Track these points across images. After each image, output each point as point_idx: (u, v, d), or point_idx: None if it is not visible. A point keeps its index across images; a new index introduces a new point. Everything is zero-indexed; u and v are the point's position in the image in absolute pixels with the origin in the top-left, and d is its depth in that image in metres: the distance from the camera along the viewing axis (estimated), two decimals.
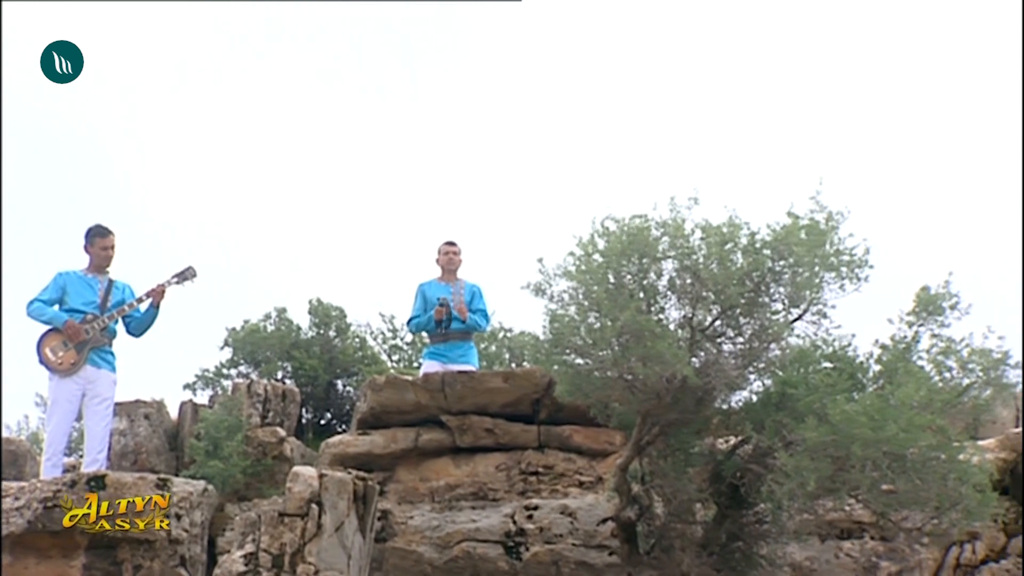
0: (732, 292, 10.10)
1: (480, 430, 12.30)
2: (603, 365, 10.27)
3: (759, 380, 10.66)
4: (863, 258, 10.21)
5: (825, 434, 9.54)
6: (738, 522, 10.56)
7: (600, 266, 10.19)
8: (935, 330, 10.32)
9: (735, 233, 10.21)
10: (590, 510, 11.63)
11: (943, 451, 9.74)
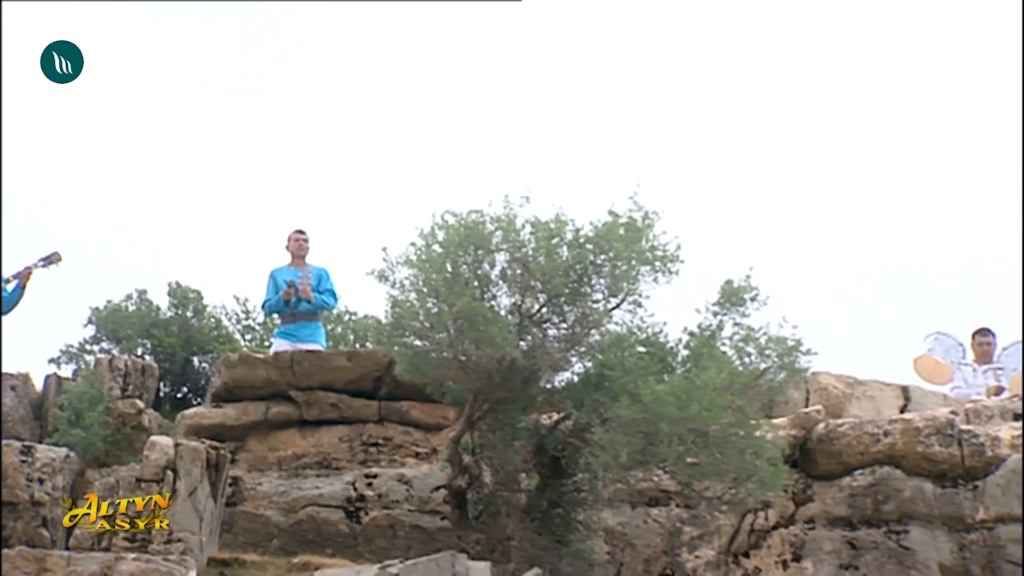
0: (557, 282, 10.30)
1: (325, 404, 12.39)
2: (439, 347, 10.40)
3: (580, 362, 10.82)
4: (675, 254, 10.45)
5: (637, 412, 9.75)
6: (558, 490, 10.71)
7: (439, 256, 10.31)
8: (737, 319, 10.58)
9: (561, 229, 10.40)
10: (425, 479, 11.76)
11: (741, 428, 10.03)
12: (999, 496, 11.53)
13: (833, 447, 12.08)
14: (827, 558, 11.72)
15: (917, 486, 11.77)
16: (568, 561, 10.51)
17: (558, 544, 10.55)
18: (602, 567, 11.14)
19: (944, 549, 11.57)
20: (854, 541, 11.73)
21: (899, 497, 11.73)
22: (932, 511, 11.69)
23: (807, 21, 32.74)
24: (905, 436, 11.88)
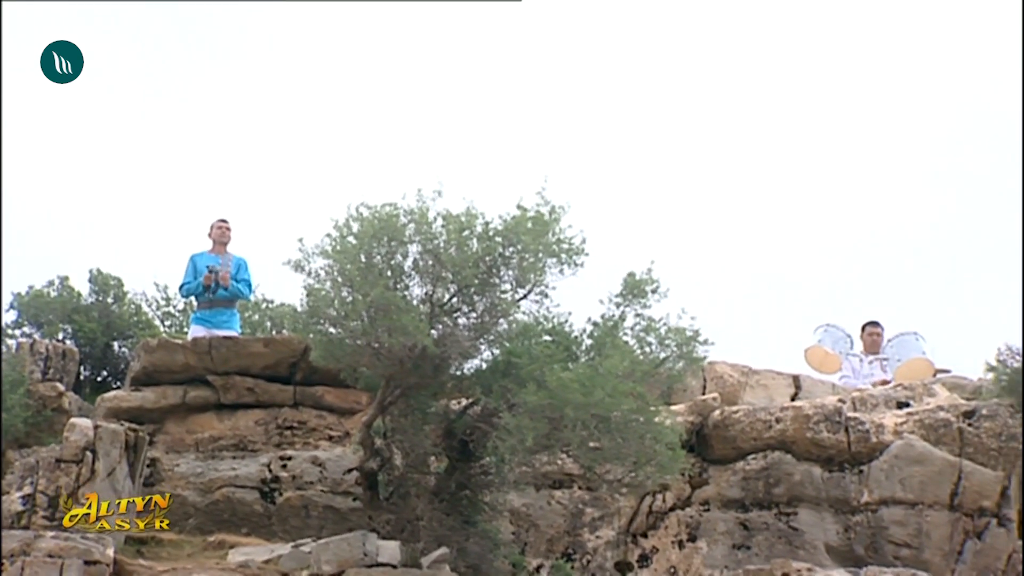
0: (468, 273, 10.30)
1: (242, 389, 12.30)
2: (353, 334, 10.36)
3: (489, 350, 10.83)
4: (580, 247, 10.50)
5: (543, 398, 9.79)
6: (466, 473, 10.71)
7: (354, 247, 10.28)
8: (638, 310, 10.66)
9: (472, 222, 10.40)
10: (338, 461, 11.72)
11: (642, 414, 10.08)
12: (883, 480, 11.71)
13: (728, 433, 12.19)
14: (721, 538, 11.83)
15: (806, 470, 11.91)
16: (475, 541, 10.52)
17: (465, 524, 10.56)
18: (507, 546, 11.16)
19: (831, 530, 11.73)
20: (746, 522, 11.85)
21: (789, 480, 11.87)
22: (820, 494, 11.84)
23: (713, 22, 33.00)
24: (795, 423, 12.02)
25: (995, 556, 11.61)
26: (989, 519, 11.68)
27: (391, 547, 9.91)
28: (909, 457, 11.72)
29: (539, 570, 11.36)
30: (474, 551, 10.47)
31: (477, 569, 10.34)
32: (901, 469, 11.71)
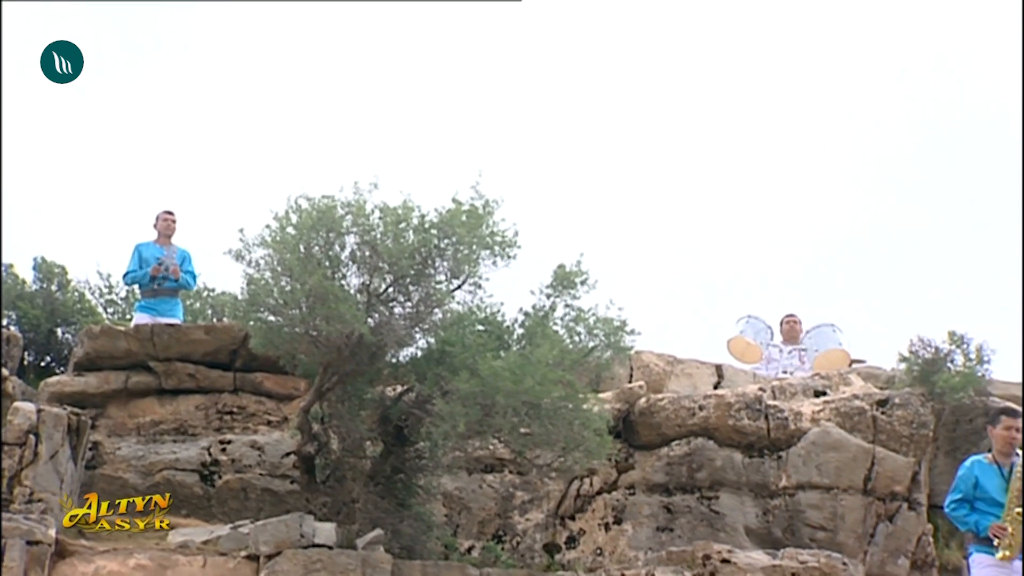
0: (404, 264, 10.31)
1: (183, 375, 12.21)
2: (292, 322, 10.34)
3: (424, 339, 10.84)
4: (512, 239, 10.54)
5: (475, 385, 9.82)
6: (401, 457, 10.71)
7: (293, 237, 10.25)
8: (568, 301, 10.69)
9: (408, 214, 10.41)
10: (276, 445, 11.66)
11: (571, 401, 10.14)
12: (800, 465, 11.82)
13: (653, 419, 12.25)
14: (645, 521, 11.90)
15: (728, 456, 12.00)
16: (408, 523, 10.53)
17: (400, 507, 10.57)
18: (439, 528, 11.16)
19: (750, 513, 11.82)
20: (670, 506, 11.92)
21: (711, 466, 11.95)
22: (740, 479, 11.93)
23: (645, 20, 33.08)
24: (718, 410, 12.10)
25: (905, 538, 11.78)
26: (900, 503, 11.84)
27: (327, 528, 9.90)
28: (825, 444, 11.85)
29: (471, 551, 11.37)
30: (408, 533, 10.47)
31: (411, 550, 10.34)
32: (818, 455, 11.83)
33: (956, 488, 9.58)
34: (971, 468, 9.59)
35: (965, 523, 9.50)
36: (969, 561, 9.55)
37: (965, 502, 9.50)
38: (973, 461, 9.62)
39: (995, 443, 9.59)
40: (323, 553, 9.68)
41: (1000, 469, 9.48)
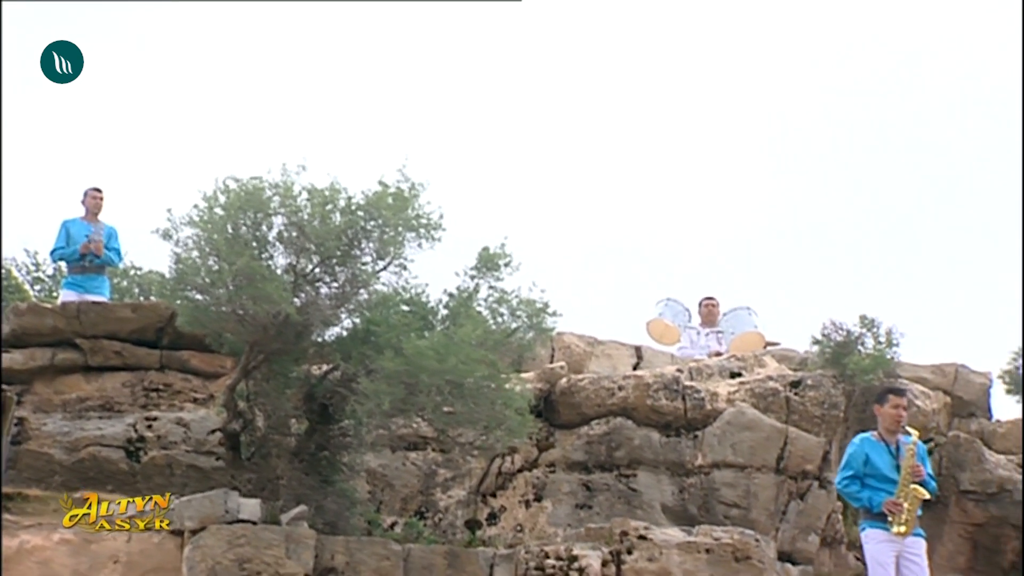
0: (330, 245, 10.34)
1: (110, 352, 12.16)
2: (219, 301, 10.34)
3: (349, 318, 10.86)
4: (438, 222, 10.58)
5: (400, 364, 9.88)
6: (326, 435, 10.75)
7: (221, 218, 10.24)
8: (492, 283, 10.76)
9: (335, 196, 10.42)
10: (202, 422, 11.65)
11: (493, 381, 10.24)
12: (716, 445, 12.02)
13: (574, 399, 12.39)
14: (565, 498, 12.04)
15: (646, 435, 12.17)
16: (332, 499, 10.59)
17: (324, 483, 10.62)
18: (363, 505, 11.24)
19: (667, 491, 12.01)
20: (589, 483, 12.07)
21: (630, 445, 12.11)
22: (658, 457, 12.10)
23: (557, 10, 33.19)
24: (637, 391, 12.26)
25: (816, 516, 12.02)
26: (811, 481, 12.08)
27: (252, 504, 9.95)
28: (740, 424, 12.06)
29: (393, 527, 11.45)
30: (331, 509, 10.54)
31: (334, 526, 10.41)
32: (732, 435, 12.04)
33: (847, 465, 9.77)
34: (861, 445, 9.80)
35: (858, 499, 9.71)
36: (862, 536, 9.78)
37: (856, 479, 9.71)
38: (862, 439, 9.83)
39: (882, 421, 9.80)
40: (247, 529, 9.75)
41: (888, 446, 9.71)
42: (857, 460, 9.73)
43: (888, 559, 9.58)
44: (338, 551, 9.93)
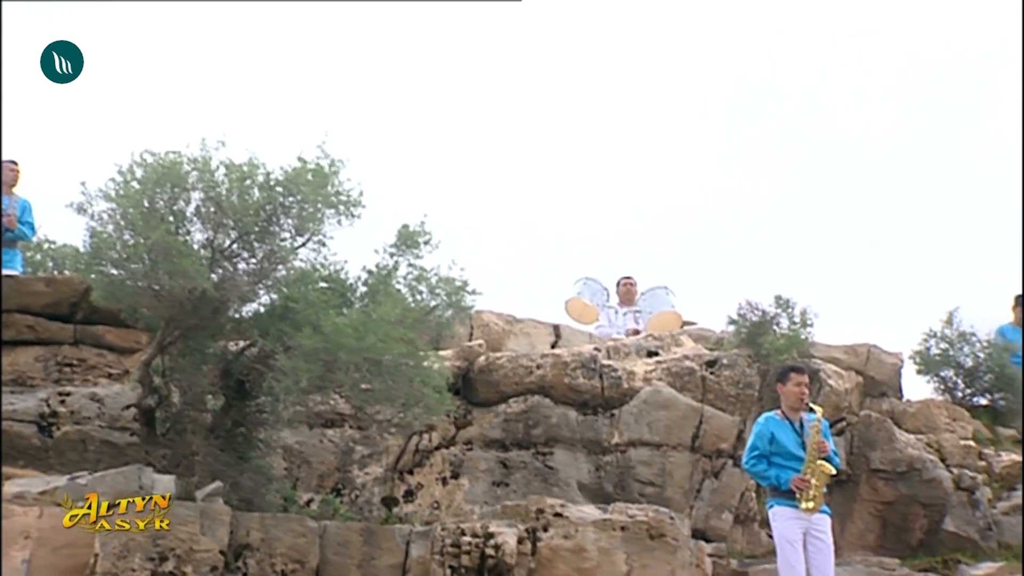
0: (248, 221, 10.28)
1: (22, 326, 12.00)
2: (135, 276, 10.23)
3: (267, 295, 10.78)
4: (357, 199, 10.54)
5: (318, 341, 9.85)
6: (242, 411, 10.70)
7: (137, 192, 10.13)
8: (411, 260, 10.74)
9: (253, 172, 10.35)
10: (116, 397, 11.53)
11: (412, 359, 10.24)
12: (632, 423, 12.14)
13: (492, 377, 12.45)
14: (482, 476, 12.10)
15: (563, 413, 12.26)
16: (248, 476, 10.56)
17: (240, 460, 10.58)
18: (279, 481, 11.21)
19: (583, 469, 12.11)
20: (506, 461, 12.15)
21: (547, 423, 12.19)
22: (575, 435, 12.20)
23: None
24: (554, 369, 12.35)
25: (729, 494, 12.19)
26: (726, 460, 12.25)
27: (166, 480, 9.90)
28: (656, 402, 12.18)
29: (309, 504, 11.45)
30: (247, 485, 10.51)
31: (250, 503, 10.38)
32: (649, 413, 12.16)
33: (753, 445, 9.91)
34: (766, 424, 9.94)
35: (765, 477, 9.85)
36: (770, 514, 9.93)
37: (763, 457, 9.84)
38: (767, 417, 9.98)
39: (785, 399, 9.95)
40: None
41: (792, 424, 9.87)
42: (763, 439, 9.87)
43: (796, 536, 9.73)
44: (253, 528, 9.90)
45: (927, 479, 12.66)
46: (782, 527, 9.77)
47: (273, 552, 9.89)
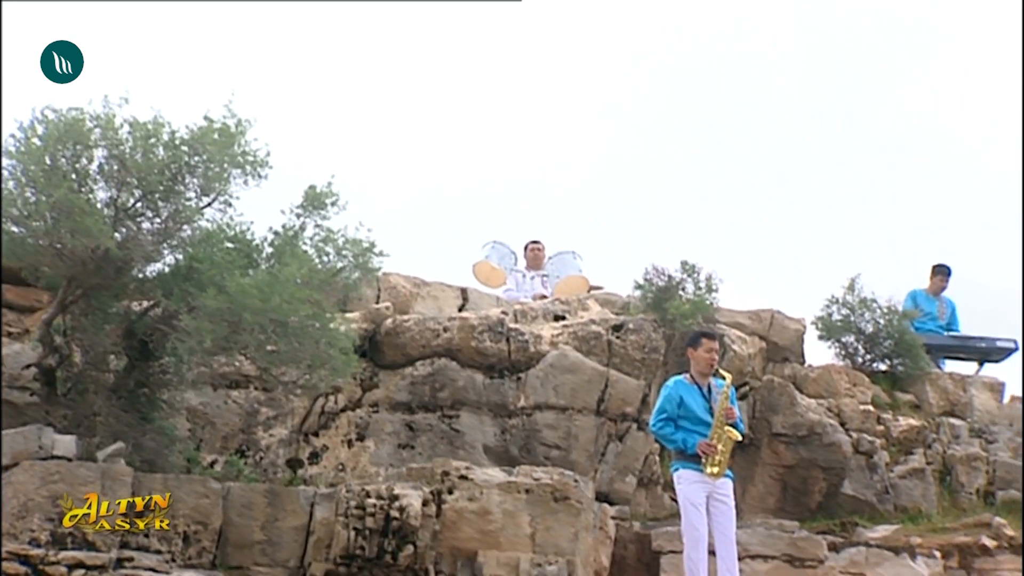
0: (153, 180, 10.21)
1: None
2: (36, 234, 10.13)
3: (172, 255, 10.74)
4: (264, 159, 10.52)
5: (223, 302, 9.84)
6: (145, 372, 10.65)
7: (39, 149, 10.02)
8: (318, 221, 10.75)
9: (159, 130, 10.28)
10: (16, 357, 11.38)
11: (318, 320, 10.27)
12: (538, 387, 12.23)
13: (399, 340, 12.48)
14: (388, 438, 12.15)
15: (470, 376, 12.33)
16: (151, 436, 10.53)
17: (142, 421, 10.54)
18: (182, 442, 11.18)
19: (489, 432, 12.20)
20: (412, 423, 12.20)
21: (453, 386, 12.25)
22: (481, 398, 12.27)
23: None
24: (462, 332, 12.41)
25: (634, 457, 12.33)
26: (630, 423, 12.38)
27: (67, 441, 9.84)
28: (562, 366, 12.29)
29: (213, 465, 11.42)
30: (150, 446, 10.47)
31: (152, 463, 10.35)
32: (555, 377, 12.26)
33: (661, 408, 10.03)
34: (675, 388, 10.07)
35: (672, 441, 9.98)
36: (675, 477, 10.08)
37: (671, 421, 9.97)
38: (676, 381, 10.10)
39: (695, 364, 10.09)
40: (62, 465, 9.65)
41: (700, 389, 10.01)
42: (671, 402, 9.99)
43: (700, 499, 9.90)
44: (156, 488, 9.88)
45: (827, 443, 12.90)
46: (687, 490, 9.93)
47: (176, 513, 9.89)
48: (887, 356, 14.43)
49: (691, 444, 9.83)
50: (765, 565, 11.50)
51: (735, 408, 10.02)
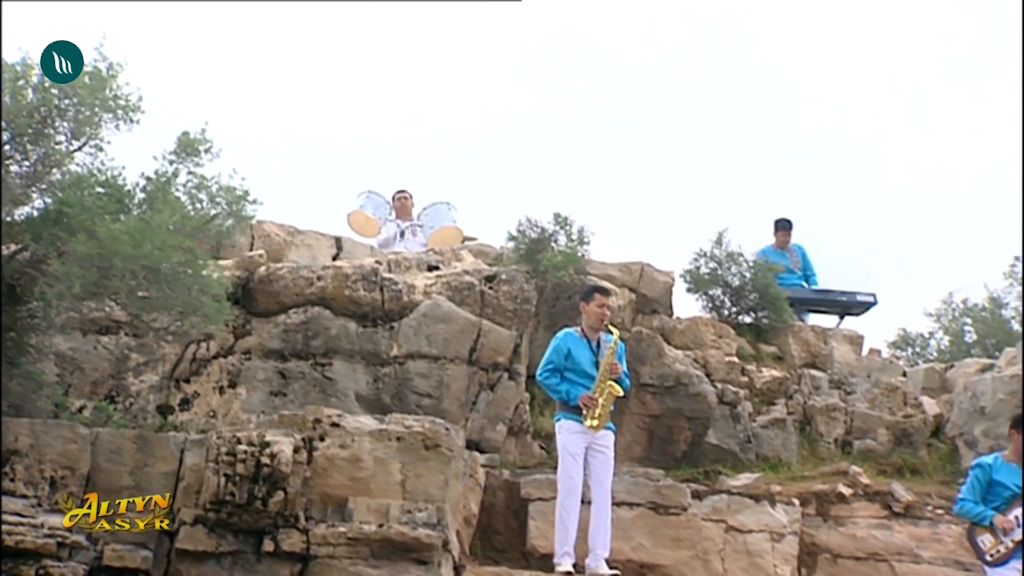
0: (21, 122, 10.06)
1: None
2: None
3: (41, 199, 10.60)
4: (136, 104, 10.42)
5: (93, 248, 9.74)
6: (12, 316, 10.50)
7: None
8: (191, 168, 10.68)
9: (28, 72, 10.14)
10: None
11: (190, 267, 10.22)
12: (411, 336, 12.35)
13: (272, 288, 12.48)
14: (260, 385, 12.16)
15: (343, 325, 12.38)
16: (18, 382, 10.42)
17: (9, 365, 10.41)
18: (50, 388, 11.07)
19: (362, 380, 12.28)
20: (284, 371, 12.23)
21: (327, 334, 12.31)
22: (354, 347, 12.34)
23: None
24: (335, 281, 12.45)
25: (504, 406, 12.51)
26: (502, 373, 12.54)
27: None
28: (436, 316, 12.40)
29: (82, 411, 11.34)
30: (17, 391, 10.36)
31: (19, 408, 10.25)
32: (428, 326, 12.37)
33: (549, 359, 10.25)
34: (564, 340, 10.28)
35: (557, 391, 10.20)
36: (556, 426, 10.28)
37: (557, 372, 10.19)
38: (566, 333, 10.32)
39: (586, 318, 10.30)
40: None
41: (589, 343, 10.22)
42: (559, 353, 10.20)
43: (579, 450, 10.15)
44: (22, 433, 9.81)
45: (692, 393, 13.21)
46: (566, 440, 10.16)
47: (42, 458, 9.82)
48: (752, 309, 14.77)
49: (574, 396, 10.04)
50: (631, 512, 11.76)
51: (622, 364, 10.23)
